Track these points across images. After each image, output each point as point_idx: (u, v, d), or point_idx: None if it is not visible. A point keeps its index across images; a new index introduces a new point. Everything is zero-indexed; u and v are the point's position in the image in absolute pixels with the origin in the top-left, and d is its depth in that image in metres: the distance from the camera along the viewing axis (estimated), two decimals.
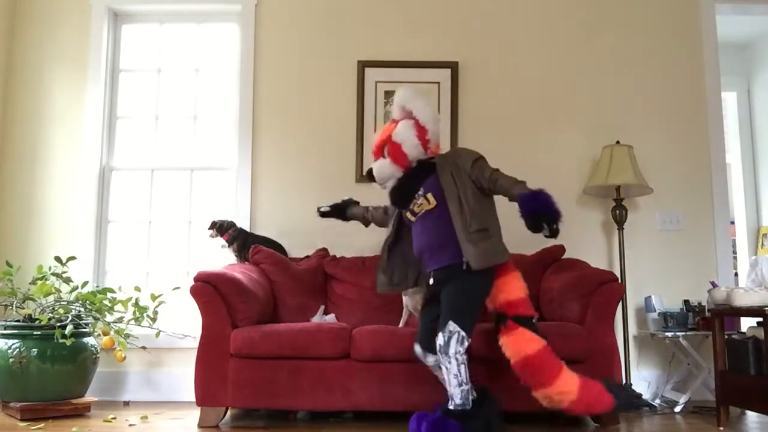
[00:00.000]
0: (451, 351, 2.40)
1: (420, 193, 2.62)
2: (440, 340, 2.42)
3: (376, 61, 3.91)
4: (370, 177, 2.74)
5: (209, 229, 3.51)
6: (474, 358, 2.69)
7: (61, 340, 3.00)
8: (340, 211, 3.08)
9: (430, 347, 2.58)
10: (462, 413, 2.40)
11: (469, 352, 2.46)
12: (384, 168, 2.66)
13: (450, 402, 2.43)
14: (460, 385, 2.41)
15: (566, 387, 2.44)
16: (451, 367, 2.40)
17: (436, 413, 2.44)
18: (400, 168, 2.65)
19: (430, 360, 2.61)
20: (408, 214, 2.67)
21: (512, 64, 3.95)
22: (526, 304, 2.56)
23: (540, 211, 2.40)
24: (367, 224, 3.09)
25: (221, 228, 3.50)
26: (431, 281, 2.61)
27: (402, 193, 2.66)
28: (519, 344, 2.49)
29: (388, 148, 2.66)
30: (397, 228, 2.77)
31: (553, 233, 2.41)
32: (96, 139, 3.87)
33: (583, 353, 2.80)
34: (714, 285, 3.22)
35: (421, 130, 2.64)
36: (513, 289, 2.56)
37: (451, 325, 2.42)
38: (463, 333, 2.41)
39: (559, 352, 2.75)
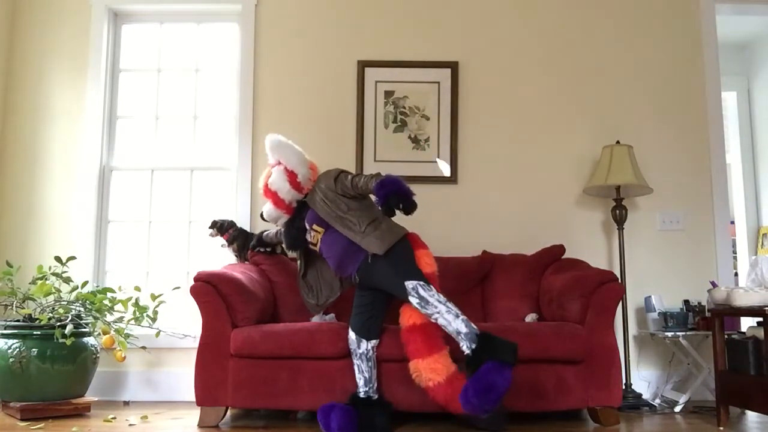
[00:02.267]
0: (428, 298, 2.55)
1: (307, 228, 2.89)
2: (413, 301, 2.56)
3: (376, 61, 3.91)
4: (261, 217, 3.06)
5: (209, 228, 3.51)
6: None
7: (61, 340, 3.00)
8: (264, 245, 3.38)
9: (363, 333, 2.73)
10: (479, 350, 2.44)
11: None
12: (271, 211, 2.99)
13: (462, 343, 2.50)
14: (457, 316, 2.53)
15: (439, 367, 2.57)
16: (440, 307, 2.54)
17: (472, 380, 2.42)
18: (282, 211, 2.96)
19: (363, 347, 2.72)
20: (311, 246, 2.93)
21: (512, 64, 3.95)
22: (431, 280, 2.67)
23: (389, 195, 2.56)
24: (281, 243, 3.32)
25: (221, 228, 3.50)
26: (357, 280, 2.79)
27: (292, 238, 2.97)
28: (411, 313, 2.65)
29: (269, 193, 2.96)
30: (305, 258, 3.07)
31: (406, 211, 2.57)
32: (96, 139, 3.87)
33: (583, 353, 2.80)
34: (714, 285, 3.22)
35: (291, 176, 2.91)
36: (422, 264, 2.67)
37: (408, 284, 2.58)
38: (420, 282, 2.58)
39: (559, 352, 2.77)
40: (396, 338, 2.73)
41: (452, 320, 2.52)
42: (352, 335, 2.75)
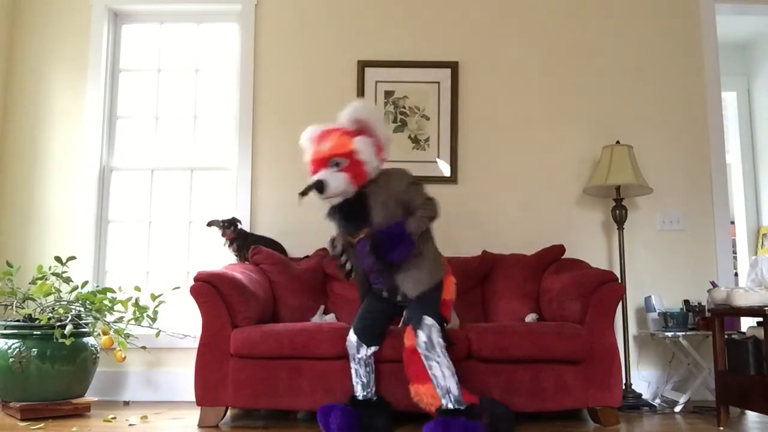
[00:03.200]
0: (436, 345, 2.47)
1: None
2: (422, 337, 2.49)
3: (376, 61, 3.91)
4: (318, 188, 2.47)
5: (223, 228, 3.49)
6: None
7: (61, 340, 3.00)
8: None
9: (364, 338, 2.65)
10: (464, 410, 2.44)
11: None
12: (341, 183, 2.49)
13: (445, 398, 2.47)
14: (453, 375, 2.48)
15: (438, 394, 2.50)
16: (442, 360, 2.48)
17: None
18: (357, 185, 2.53)
19: (362, 352, 2.66)
20: (348, 237, 2.64)
21: (512, 64, 3.95)
22: (444, 307, 2.63)
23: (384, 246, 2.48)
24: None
25: (227, 227, 3.50)
26: (384, 294, 2.67)
27: (349, 224, 2.61)
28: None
29: (349, 164, 2.50)
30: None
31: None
32: (96, 139, 3.87)
33: (583, 353, 2.80)
34: (714, 285, 3.22)
35: (379, 149, 2.60)
36: (443, 290, 2.64)
37: (427, 320, 2.50)
38: (437, 326, 2.51)
39: (559, 352, 2.77)
40: (397, 339, 2.72)
41: (448, 376, 2.47)
42: (352, 338, 2.69)
